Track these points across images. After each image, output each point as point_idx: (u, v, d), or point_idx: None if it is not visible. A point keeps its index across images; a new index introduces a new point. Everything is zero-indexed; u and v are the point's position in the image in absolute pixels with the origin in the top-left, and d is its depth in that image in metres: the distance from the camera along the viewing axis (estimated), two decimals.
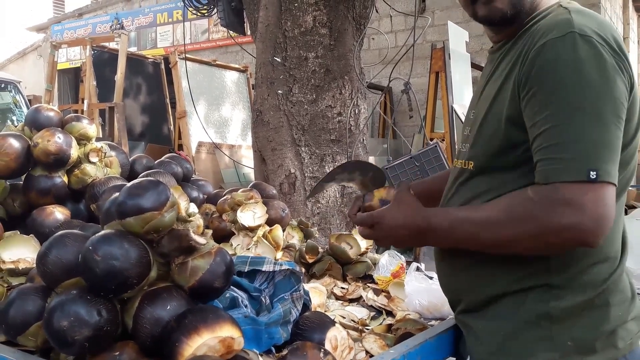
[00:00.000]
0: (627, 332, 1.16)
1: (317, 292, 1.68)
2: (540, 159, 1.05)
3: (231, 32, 4.49)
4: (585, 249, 1.08)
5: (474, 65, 6.42)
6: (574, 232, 1.02)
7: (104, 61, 7.54)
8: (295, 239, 2.10)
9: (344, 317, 1.59)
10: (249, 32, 3.98)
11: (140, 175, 1.82)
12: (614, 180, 1.03)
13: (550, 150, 1.04)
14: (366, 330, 1.51)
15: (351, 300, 1.77)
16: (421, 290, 1.60)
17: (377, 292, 1.77)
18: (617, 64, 1.05)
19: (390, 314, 1.65)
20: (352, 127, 3.29)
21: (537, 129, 1.06)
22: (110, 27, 13.26)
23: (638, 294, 1.22)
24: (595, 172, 1.00)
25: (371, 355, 1.32)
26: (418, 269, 1.76)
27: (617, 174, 1.04)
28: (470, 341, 1.28)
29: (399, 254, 1.97)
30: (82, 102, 6.78)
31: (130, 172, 2.04)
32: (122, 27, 12.74)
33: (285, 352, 1.16)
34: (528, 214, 1.05)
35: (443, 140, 5.59)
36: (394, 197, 1.25)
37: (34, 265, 1.27)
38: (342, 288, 1.83)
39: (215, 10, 4.60)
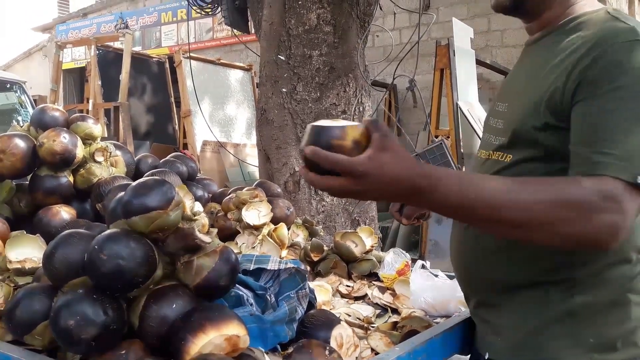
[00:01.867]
0: None
1: (323, 290, 1.68)
2: (590, 151, 1.03)
3: (235, 30, 4.50)
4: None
5: (479, 62, 6.40)
6: (609, 230, 0.99)
7: (108, 61, 7.55)
8: (300, 237, 2.10)
9: (350, 315, 1.59)
10: (253, 31, 3.98)
11: (145, 175, 1.82)
12: None
13: (602, 144, 1.01)
14: (372, 328, 1.52)
15: (356, 298, 1.77)
16: (427, 287, 1.60)
17: (382, 289, 1.77)
18: None
19: (395, 311, 1.65)
20: None
21: (588, 121, 1.04)
22: (115, 26, 13.29)
23: None
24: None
25: (377, 353, 1.32)
26: (423, 266, 1.76)
27: None
28: (489, 337, 1.27)
29: (404, 252, 1.97)
30: (87, 102, 6.80)
31: (135, 172, 2.05)
32: (127, 27, 12.76)
33: (290, 350, 1.16)
34: (579, 200, 0.98)
35: (448, 137, 5.57)
36: (378, 141, 0.92)
37: (40, 264, 1.28)
38: (348, 286, 1.83)
39: (219, 9, 4.61)
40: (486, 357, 1.28)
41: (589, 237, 1.01)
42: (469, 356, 1.40)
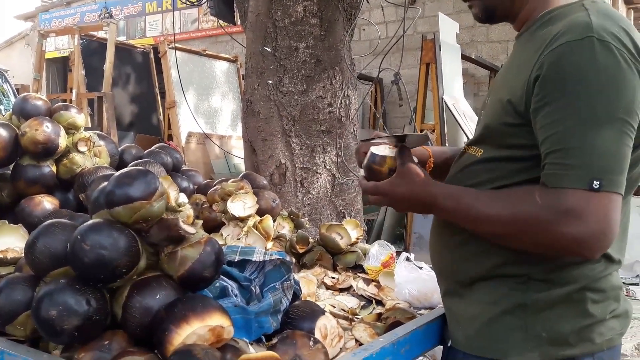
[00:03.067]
0: (606, 328, 1.17)
1: (308, 281, 1.68)
2: (547, 163, 1.05)
3: (221, 21, 4.47)
4: None
5: (465, 57, 6.43)
6: (573, 243, 1.02)
7: (92, 50, 7.46)
8: (286, 229, 2.10)
9: (334, 307, 1.59)
10: (239, 22, 3.95)
11: (129, 165, 1.81)
12: (619, 190, 1.01)
13: (557, 155, 1.03)
14: (356, 319, 1.52)
15: (341, 290, 1.78)
16: (411, 279, 1.61)
17: (367, 281, 1.78)
18: (637, 70, 1.03)
19: (380, 303, 1.66)
20: (342, 118, 3.29)
21: (546, 132, 1.05)
22: (99, 16, 13.13)
23: (627, 294, 1.23)
24: (598, 182, 0.99)
25: (361, 344, 1.33)
26: (408, 259, 1.77)
27: (624, 183, 1.02)
28: (451, 325, 1.31)
29: (389, 245, 1.98)
30: (71, 92, 6.73)
31: (119, 162, 2.03)
32: (111, 16, 12.61)
33: (275, 340, 1.16)
34: (532, 217, 1.05)
35: (433, 131, 5.60)
36: (397, 169, 1.25)
37: (22, 254, 1.26)
38: (333, 278, 1.84)
39: None
40: (449, 344, 1.31)
41: (559, 247, 1.06)
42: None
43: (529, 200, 1.06)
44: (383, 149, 1.31)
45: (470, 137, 1.33)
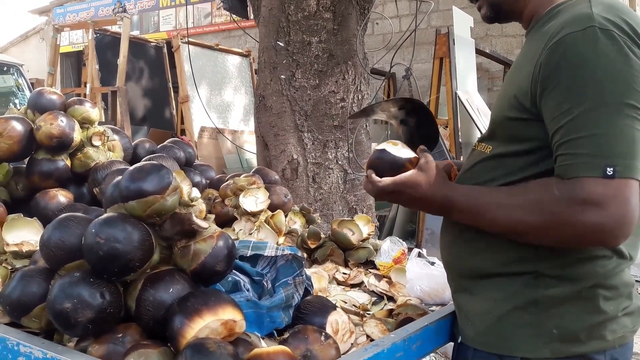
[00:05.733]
0: (618, 325, 1.16)
1: (319, 277, 1.69)
2: (561, 154, 1.05)
3: (234, 16, 4.47)
4: None
5: (479, 51, 6.38)
6: (595, 232, 1.01)
7: (106, 45, 7.50)
8: (298, 224, 2.10)
9: (346, 302, 1.59)
10: (252, 16, 3.95)
11: (142, 160, 1.82)
12: (635, 175, 1.00)
13: (569, 145, 1.03)
14: (367, 315, 1.52)
15: (353, 286, 1.78)
16: (422, 276, 1.61)
17: (378, 277, 1.78)
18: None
19: (391, 299, 1.66)
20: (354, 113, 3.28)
21: (556, 123, 1.05)
22: (113, 10, 13.17)
23: (639, 292, 1.21)
24: (612, 168, 0.98)
25: (372, 340, 1.33)
26: (420, 254, 1.76)
27: (639, 168, 1.01)
28: (461, 321, 1.30)
29: (400, 241, 1.97)
30: (85, 86, 6.77)
31: (132, 156, 2.04)
32: (125, 11, 12.65)
33: (286, 335, 1.17)
34: (552, 210, 1.05)
35: (447, 126, 5.57)
36: (417, 167, 1.21)
37: (38, 247, 1.28)
38: (344, 273, 1.84)
39: None
40: (459, 340, 1.31)
41: (582, 239, 1.05)
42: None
43: (547, 193, 1.06)
44: (396, 148, 1.25)
45: (484, 132, 1.31)
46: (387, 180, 1.20)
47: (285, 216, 1.99)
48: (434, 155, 1.26)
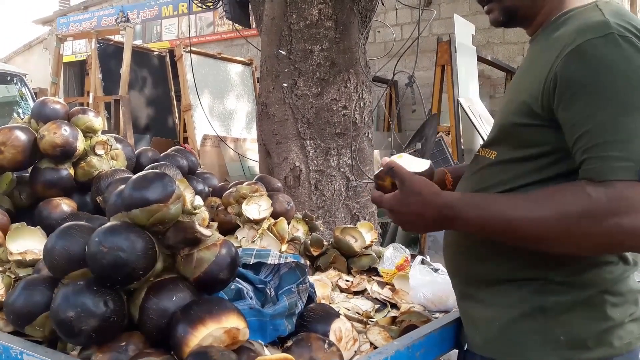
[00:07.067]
0: (624, 332, 1.15)
1: (322, 284, 1.69)
2: (589, 157, 1.02)
3: (236, 25, 4.49)
4: None
5: (480, 59, 6.40)
6: (631, 235, 0.98)
7: (109, 54, 7.54)
8: (300, 232, 2.10)
9: (349, 310, 1.59)
10: (254, 25, 3.97)
11: (145, 168, 1.82)
12: None
13: (599, 148, 1.00)
14: (370, 323, 1.52)
15: (356, 293, 1.77)
16: (426, 283, 1.60)
17: (381, 284, 1.78)
18: None
19: (394, 306, 1.66)
20: (357, 121, 3.29)
21: (580, 128, 1.03)
22: (116, 20, 13.26)
23: None
24: None
25: (375, 347, 1.32)
26: (423, 261, 1.76)
27: None
28: (467, 328, 1.29)
29: (403, 248, 1.97)
30: (88, 95, 6.78)
31: (136, 165, 2.05)
32: (128, 20, 12.73)
33: (290, 343, 1.17)
34: (585, 213, 1.00)
35: (449, 133, 5.57)
36: (398, 186, 1.14)
37: (41, 256, 1.28)
38: (347, 281, 1.83)
39: (220, 3, 4.60)
40: (465, 348, 1.30)
41: (613, 243, 1.02)
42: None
43: (579, 196, 1.01)
44: (406, 160, 1.22)
45: (487, 138, 1.31)
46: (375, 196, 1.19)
47: (288, 224, 1.99)
48: (439, 163, 1.26)
